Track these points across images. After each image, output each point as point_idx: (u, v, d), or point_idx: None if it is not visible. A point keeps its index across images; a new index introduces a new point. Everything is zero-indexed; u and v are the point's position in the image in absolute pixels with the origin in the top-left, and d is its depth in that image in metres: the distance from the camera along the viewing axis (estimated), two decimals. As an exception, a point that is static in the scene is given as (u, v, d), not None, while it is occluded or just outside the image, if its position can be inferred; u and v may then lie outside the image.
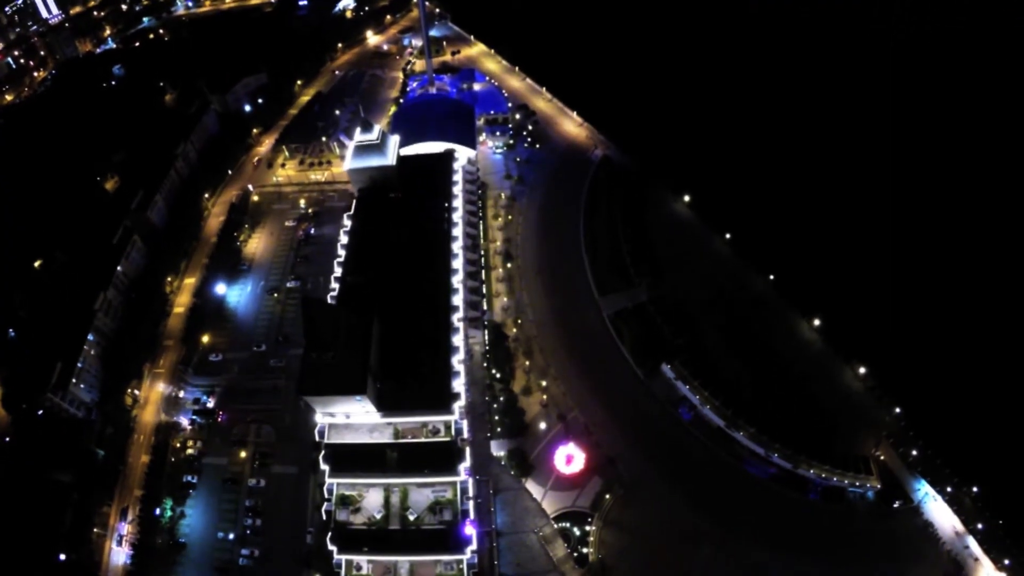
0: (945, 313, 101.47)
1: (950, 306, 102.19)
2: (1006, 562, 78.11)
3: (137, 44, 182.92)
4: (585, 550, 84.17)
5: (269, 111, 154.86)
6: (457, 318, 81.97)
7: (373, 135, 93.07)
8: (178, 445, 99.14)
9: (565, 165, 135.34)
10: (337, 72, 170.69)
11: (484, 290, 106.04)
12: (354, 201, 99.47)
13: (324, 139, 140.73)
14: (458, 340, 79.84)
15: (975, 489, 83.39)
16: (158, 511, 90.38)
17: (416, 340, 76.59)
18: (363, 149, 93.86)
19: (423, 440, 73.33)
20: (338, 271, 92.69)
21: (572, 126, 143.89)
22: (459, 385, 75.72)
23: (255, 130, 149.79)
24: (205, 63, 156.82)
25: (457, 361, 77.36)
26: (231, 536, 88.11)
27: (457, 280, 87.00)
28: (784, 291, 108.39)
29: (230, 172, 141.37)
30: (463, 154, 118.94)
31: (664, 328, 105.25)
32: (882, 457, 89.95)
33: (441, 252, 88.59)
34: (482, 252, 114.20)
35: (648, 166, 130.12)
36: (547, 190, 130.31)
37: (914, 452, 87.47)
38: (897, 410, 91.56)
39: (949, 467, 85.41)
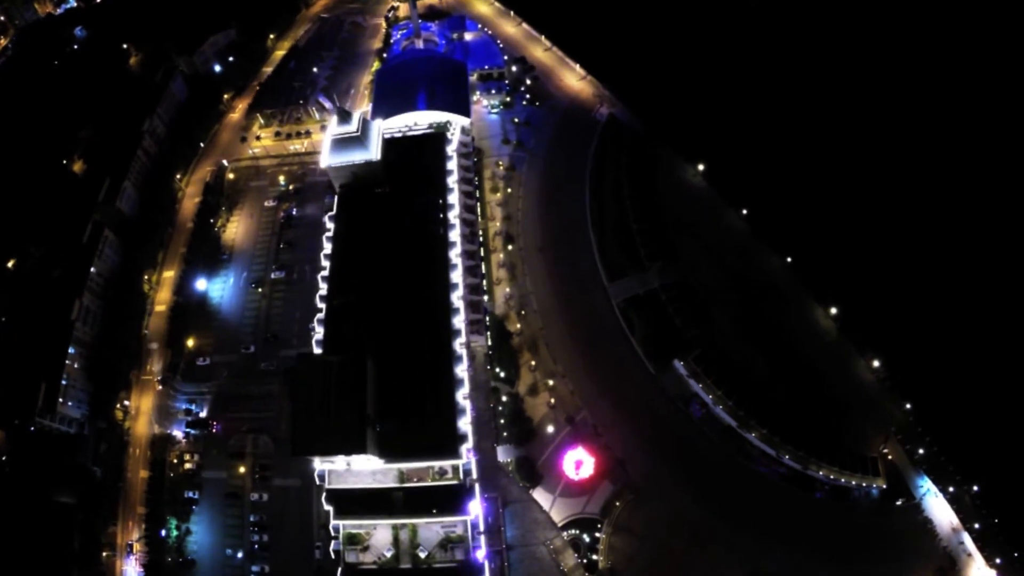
0: (964, 307, 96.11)
1: (970, 301, 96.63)
2: (998, 560, 80.00)
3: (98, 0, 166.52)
4: (595, 557, 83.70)
5: (241, 71, 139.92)
6: (460, 343, 75.54)
7: (352, 126, 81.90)
8: (175, 460, 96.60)
9: (568, 126, 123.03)
10: (313, 20, 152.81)
11: (485, 284, 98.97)
12: (335, 199, 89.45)
13: (301, 102, 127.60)
14: (461, 370, 73.94)
15: (975, 488, 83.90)
16: (164, 532, 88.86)
17: (416, 373, 70.79)
18: (342, 143, 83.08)
19: (430, 484, 69.49)
20: (323, 287, 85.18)
21: (574, 80, 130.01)
22: (465, 424, 70.69)
23: (226, 95, 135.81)
24: (169, 19, 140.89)
25: (462, 396, 71.90)
26: (239, 554, 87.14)
27: (457, 297, 79.69)
28: (801, 275, 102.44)
29: (202, 145, 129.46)
30: (457, 123, 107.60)
31: (676, 319, 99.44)
32: (889, 456, 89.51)
33: (438, 263, 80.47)
34: (480, 233, 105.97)
35: (658, 129, 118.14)
36: (549, 156, 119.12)
37: (921, 450, 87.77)
38: (908, 406, 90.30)
39: (953, 465, 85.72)
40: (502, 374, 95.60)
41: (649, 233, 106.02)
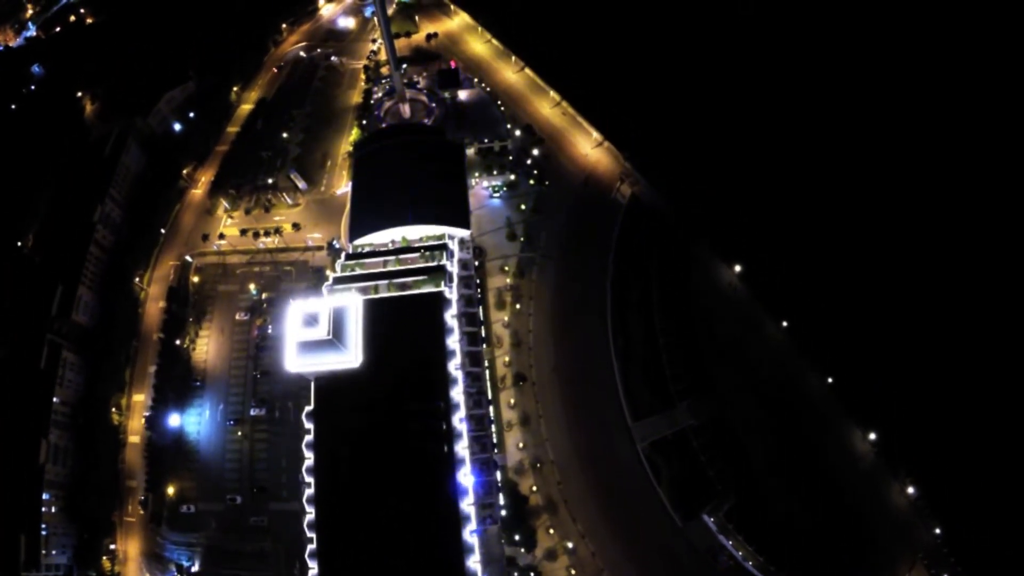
0: (998, 425, 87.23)
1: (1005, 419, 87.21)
2: None
3: (58, 29, 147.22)
4: None
5: (202, 132, 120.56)
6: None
7: (321, 329, 66.86)
8: None
9: (584, 214, 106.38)
10: (283, 63, 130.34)
11: (496, 441, 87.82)
12: (312, 390, 74.59)
13: (271, 181, 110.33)
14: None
15: None
16: None
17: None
18: (310, 347, 68.48)
19: None
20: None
21: (588, 147, 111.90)
22: None
23: (186, 169, 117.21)
24: (125, 62, 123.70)
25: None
26: None
27: (469, 532, 68.34)
28: (842, 397, 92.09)
29: (163, 231, 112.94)
30: (455, 236, 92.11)
31: (708, 468, 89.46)
32: None
33: (443, 492, 67.58)
34: (487, 365, 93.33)
35: (689, 220, 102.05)
36: (563, 257, 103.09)
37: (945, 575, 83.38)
38: (937, 531, 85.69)
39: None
40: (516, 537, 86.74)
41: (681, 363, 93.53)
